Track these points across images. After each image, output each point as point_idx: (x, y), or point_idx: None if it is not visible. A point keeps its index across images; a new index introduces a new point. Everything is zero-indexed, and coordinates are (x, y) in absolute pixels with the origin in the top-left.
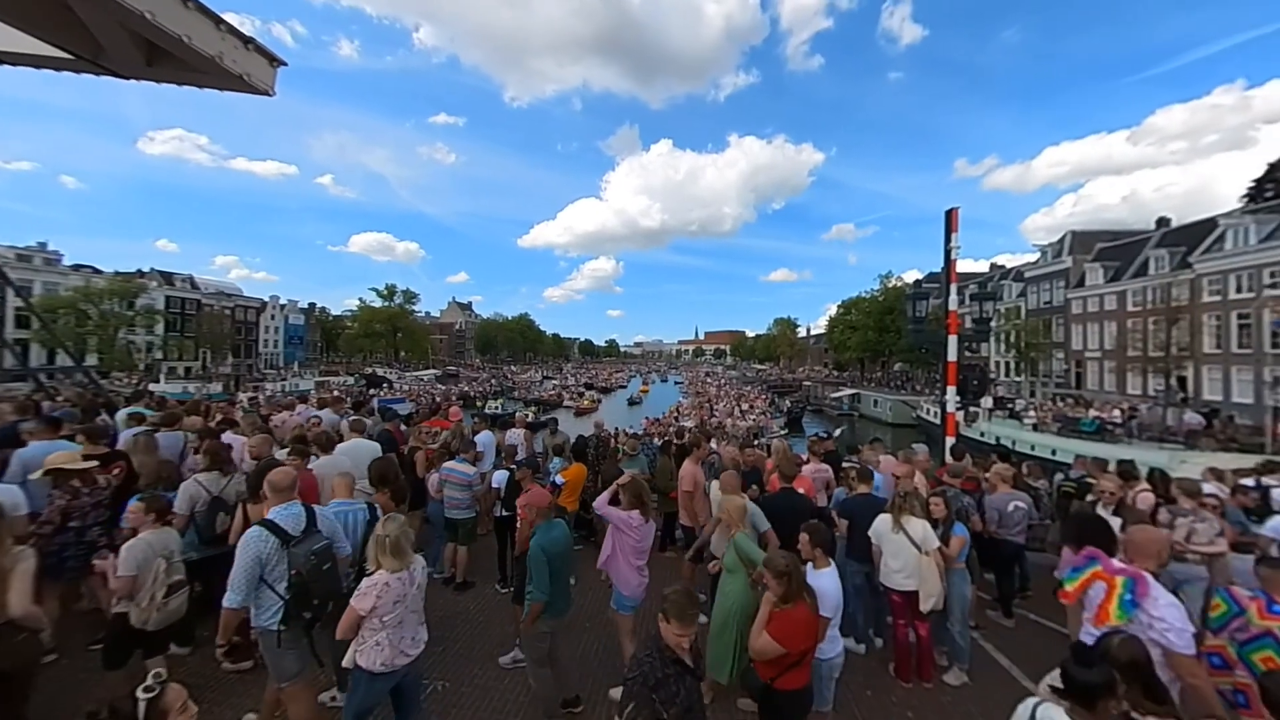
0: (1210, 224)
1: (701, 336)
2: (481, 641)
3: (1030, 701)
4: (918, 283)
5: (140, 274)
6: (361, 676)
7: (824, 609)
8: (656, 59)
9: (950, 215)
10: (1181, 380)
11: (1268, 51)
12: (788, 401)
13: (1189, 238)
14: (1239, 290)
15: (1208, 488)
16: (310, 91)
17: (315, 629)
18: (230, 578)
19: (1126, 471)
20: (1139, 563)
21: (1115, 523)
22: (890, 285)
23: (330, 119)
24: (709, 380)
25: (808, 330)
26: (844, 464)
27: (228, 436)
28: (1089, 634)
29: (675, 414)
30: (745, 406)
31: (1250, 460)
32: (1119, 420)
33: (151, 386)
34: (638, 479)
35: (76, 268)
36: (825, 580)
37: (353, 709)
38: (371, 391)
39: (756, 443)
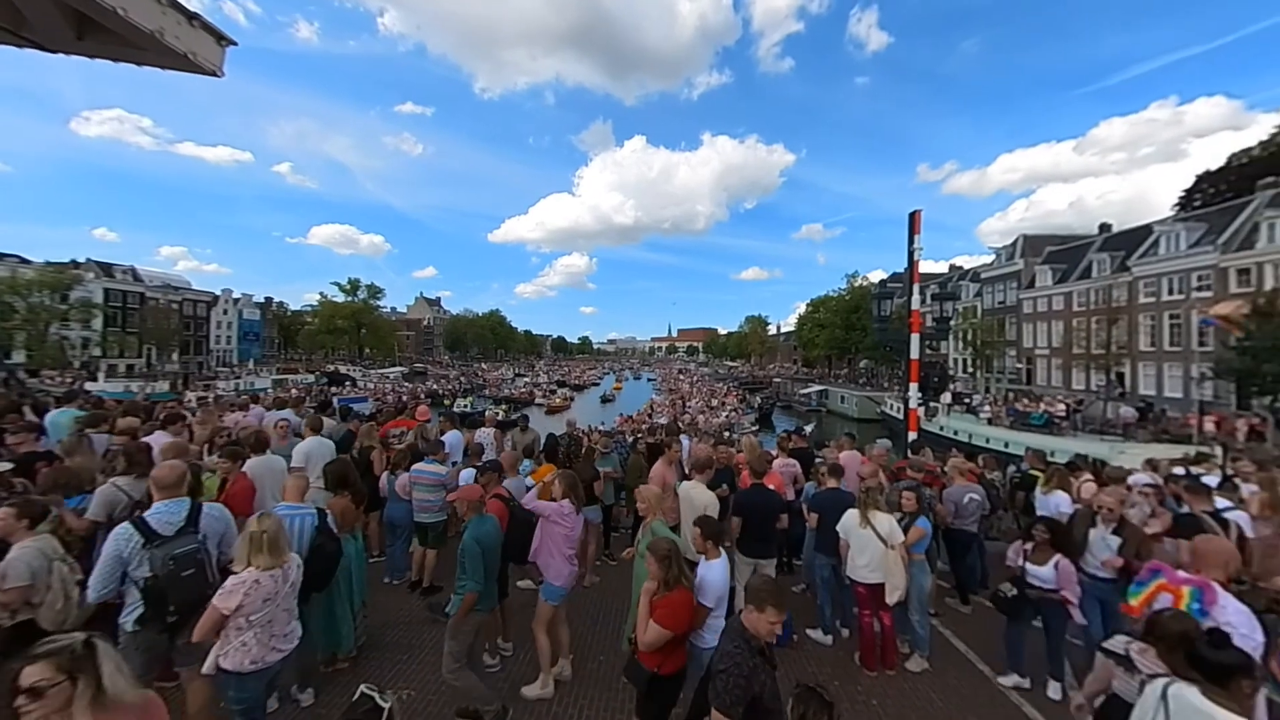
0: (1146, 230)
1: (675, 334)
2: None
3: (1160, 682)
4: (882, 282)
5: (75, 264)
6: (230, 680)
7: (706, 599)
8: (630, 55)
9: (913, 218)
10: (1120, 376)
11: (1197, 71)
12: (758, 398)
13: (1128, 243)
14: (1170, 292)
15: (1144, 477)
16: (266, 74)
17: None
18: (93, 572)
19: (1073, 464)
20: (1206, 573)
21: (1115, 542)
22: (856, 285)
23: (288, 104)
24: (682, 377)
25: (778, 328)
26: (816, 460)
27: (158, 436)
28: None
29: (649, 411)
30: (717, 403)
31: (1179, 450)
32: (1064, 414)
33: (89, 385)
34: (572, 473)
35: (0, 257)
36: (714, 571)
37: (240, 710)
38: (334, 390)
39: (728, 436)
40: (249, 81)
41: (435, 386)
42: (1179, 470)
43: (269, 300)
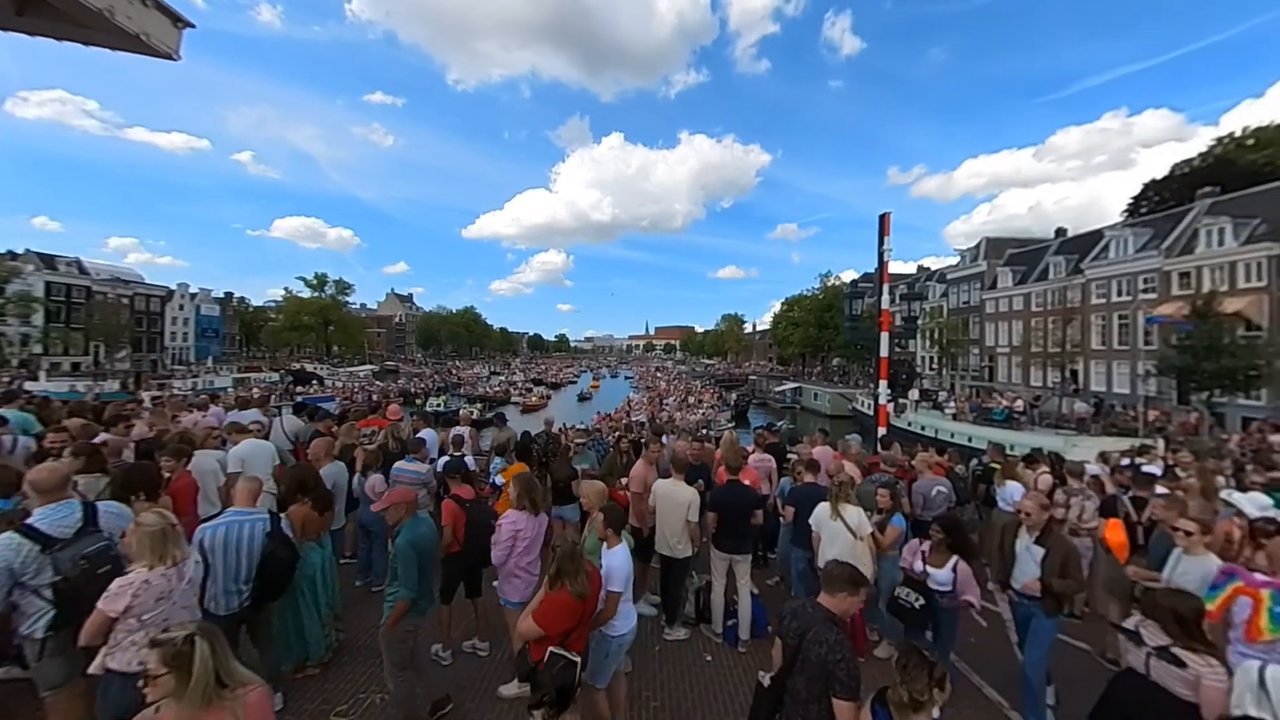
0: (1098, 235)
1: (652, 332)
2: (422, 652)
3: (1253, 665)
4: (854, 282)
5: (12, 255)
6: (114, 679)
7: (613, 585)
8: (608, 50)
9: (883, 219)
10: (1074, 373)
11: (1145, 85)
12: (734, 395)
13: (1081, 246)
14: (1119, 294)
15: (1092, 469)
16: (225, 58)
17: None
18: None
19: (1031, 456)
20: None
21: (1038, 552)
22: (830, 284)
23: (249, 90)
24: (659, 375)
25: (754, 326)
26: (788, 455)
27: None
28: (1239, 652)
29: (626, 409)
30: (694, 401)
31: (1127, 443)
32: (1023, 410)
33: (29, 385)
34: (527, 474)
35: None
36: (615, 558)
37: (109, 714)
38: (299, 389)
39: (704, 432)
40: (207, 65)
41: (407, 385)
42: (1124, 462)
43: (229, 295)
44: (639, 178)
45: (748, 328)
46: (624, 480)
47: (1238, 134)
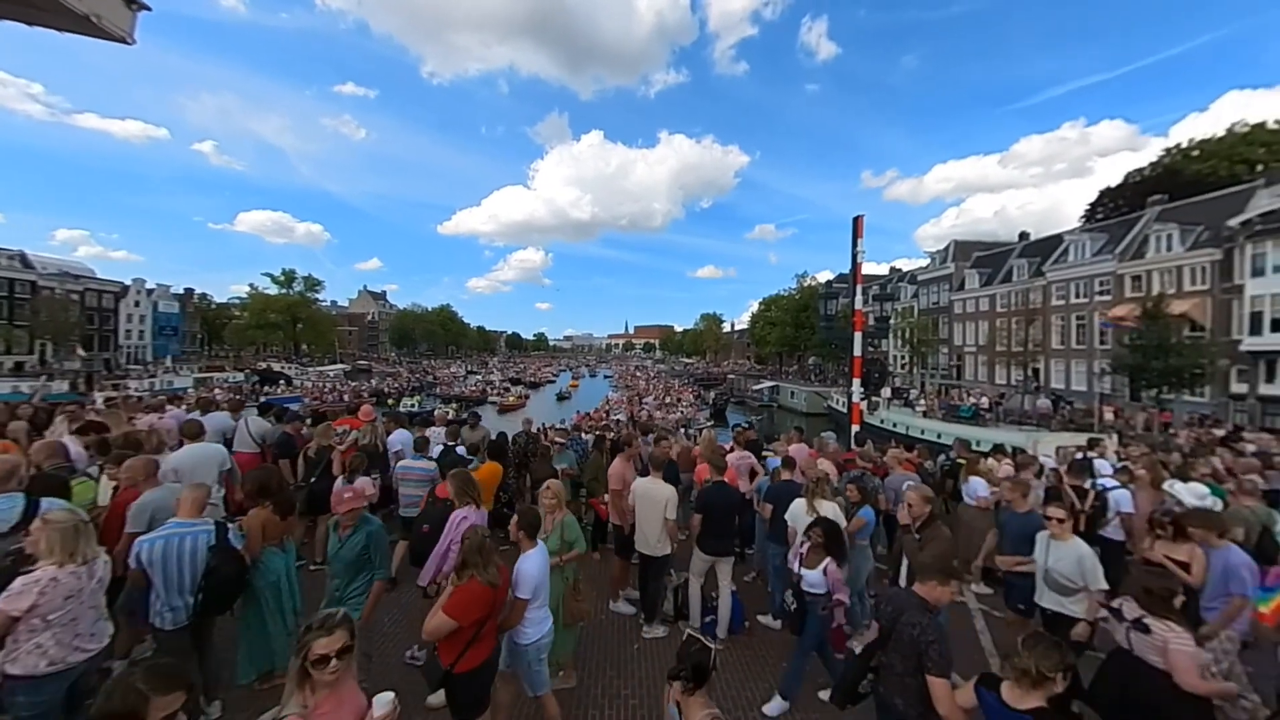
0: (1058, 239)
1: (632, 330)
2: (401, 646)
3: None
4: (829, 283)
5: None
6: (18, 685)
7: (521, 591)
8: (587, 48)
9: (856, 222)
10: (1036, 372)
11: (1101, 96)
12: (713, 394)
13: (1043, 250)
14: (1077, 295)
15: (1049, 463)
16: (185, 44)
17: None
18: None
19: (997, 451)
20: None
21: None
22: (806, 284)
23: (211, 78)
24: (639, 374)
25: (732, 326)
26: (765, 452)
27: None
28: None
29: (606, 409)
30: (672, 399)
31: (1084, 438)
32: (989, 407)
33: None
34: (463, 471)
35: None
36: (528, 563)
37: None
38: (265, 389)
39: (683, 431)
40: (165, 50)
41: (380, 385)
42: (1079, 455)
43: (189, 291)
44: (619, 176)
45: (726, 327)
46: (606, 497)
47: (1184, 145)
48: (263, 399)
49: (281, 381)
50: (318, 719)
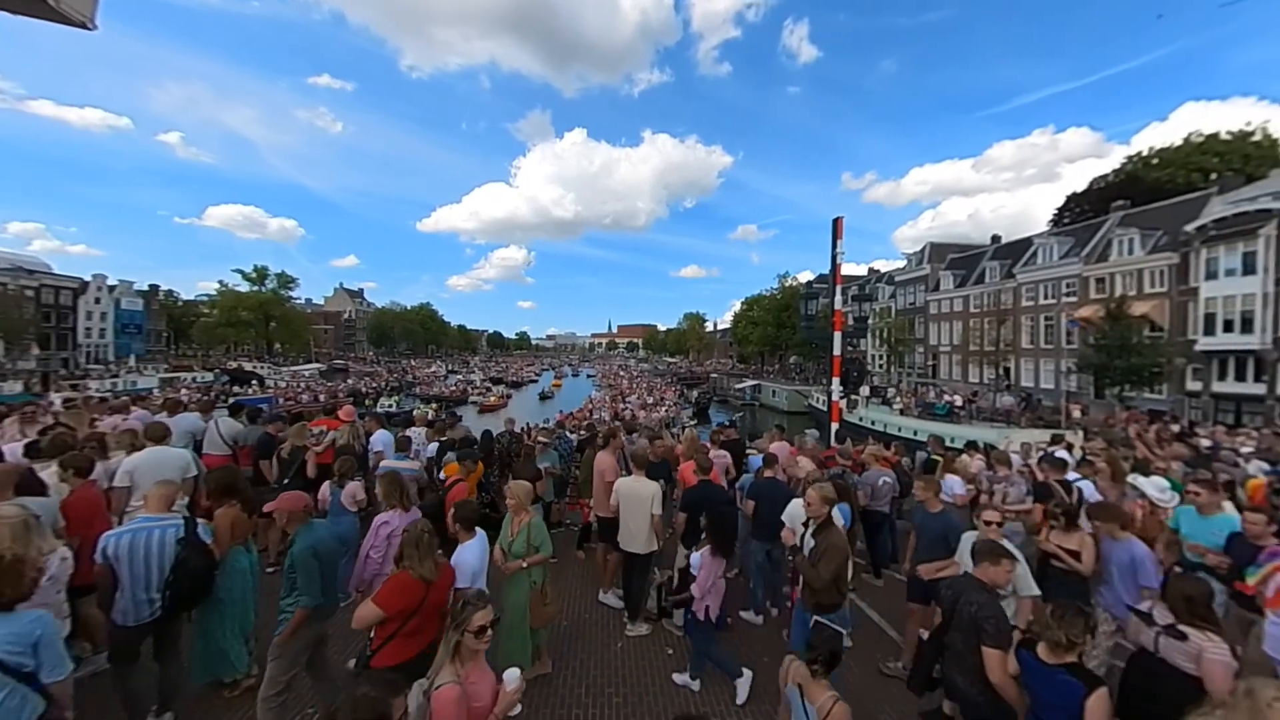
0: (1028, 242)
1: (615, 329)
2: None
3: None
4: (809, 284)
5: None
6: None
7: (460, 580)
8: (570, 44)
9: (836, 223)
10: (1007, 370)
11: (1069, 104)
12: (696, 393)
13: (1014, 253)
14: (1046, 297)
15: (1017, 459)
16: (150, 30)
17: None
18: None
19: (970, 446)
20: None
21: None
22: (787, 285)
23: (177, 65)
24: (622, 373)
25: (715, 325)
26: (747, 451)
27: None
28: (1273, 623)
29: (589, 408)
30: (655, 398)
31: (1050, 434)
32: (962, 404)
33: None
34: (393, 473)
35: None
36: (466, 553)
37: None
38: (236, 389)
39: (667, 430)
40: (129, 36)
41: (358, 384)
42: (1054, 452)
43: (154, 288)
44: (602, 174)
45: (709, 326)
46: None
47: (1145, 153)
48: (231, 399)
49: (254, 382)
50: (469, 686)
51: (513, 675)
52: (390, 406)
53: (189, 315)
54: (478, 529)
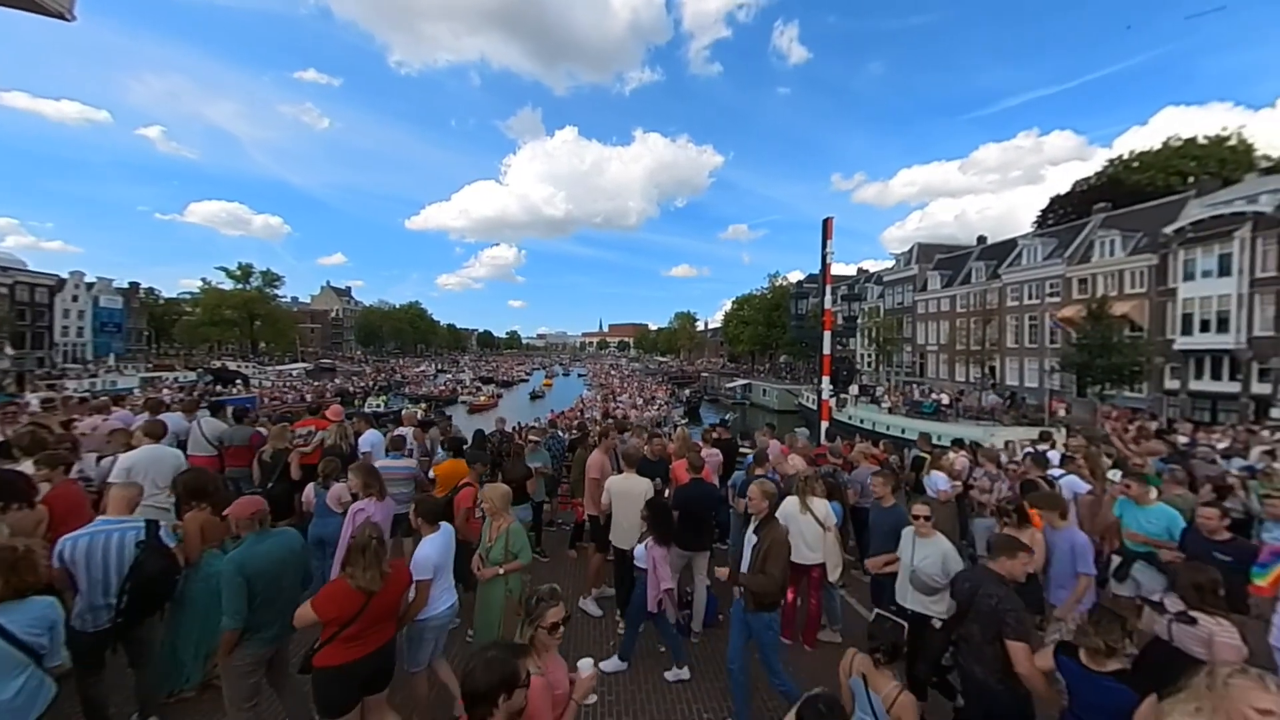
0: (1012, 243)
1: (606, 329)
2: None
3: None
4: (799, 283)
5: None
6: None
7: (417, 574)
8: (561, 42)
9: (826, 224)
10: (993, 369)
11: (1053, 108)
12: (687, 392)
13: (999, 253)
14: (1030, 297)
15: (1002, 457)
16: (129, 21)
17: None
18: None
19: (957, 443)
20: None
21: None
22: (777, 284)
23: (158, 58)
24: (613, 373)
25: (706, 324)
26: (740, 449)
27: None
28: None
29: (580, 407)
30: (647, 397)
31: (1035, 431)
32: (949, 403)
33: None
34: (365, 463)
35: None
36: (427, 547)
37: None
38: (220, 389)
39: (661, 431)
40: (106, 28)
41: (345, 384)
42: (1030, 448)
43: (135, 286)
44: (593, 173)
45: (700, 326)
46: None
47: (1126, 157)
48: (211, 398)
49: (238, 381)
50: (549, 675)
51: (586, 664)
52: (378, 406)
53: (171, 314)
54: (443, 523)
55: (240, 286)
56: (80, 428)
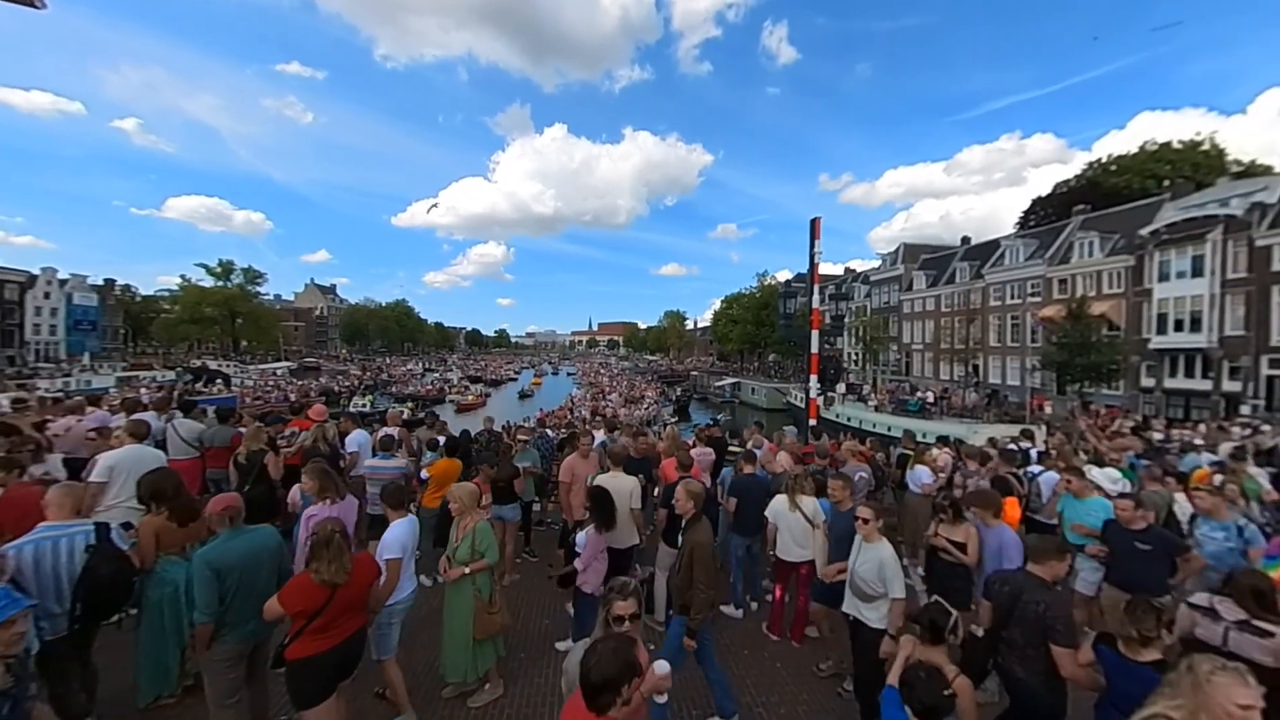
0: (996, 244)
1: (595, 327)
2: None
3: None
4: (788, 283)
5: None
6: None
7: (387, 552)
8: (550, 39)
9: (814, 224)
10: (976, 368)
11: (1035, 112)
12: (677, 390)
13: (982, 254)
14: (1012, 297)
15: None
16: (104, 10)
17: None
18: None
19: (941, 440)
20: None
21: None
22: (766, 283)
23: (134, 49)
24: (602, 371)
25: (695, 323)
26: (730, 448)
27: None
28: None
29: (569, 406)
30: (636, 396)
31: (1017, 429)
32: (933, 401)
33: None
34: (320, 464)
35: None
36: (392, 531)
37: None
38: (201, 388)
39: (650, 428)
40: (80, 17)
41: (330, 383)
42: (1011, 446)
43: (110, 283)
44: (582, 171)
45: (689, 324)
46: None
47: (1104, 160)
48: (185, 398)
49: (219, 381)
50: None
51: (662, 665)
52: (364, 406)
53: (148, 311)
54: (409, 512)
55: (221, 284)
56: (53, 429)
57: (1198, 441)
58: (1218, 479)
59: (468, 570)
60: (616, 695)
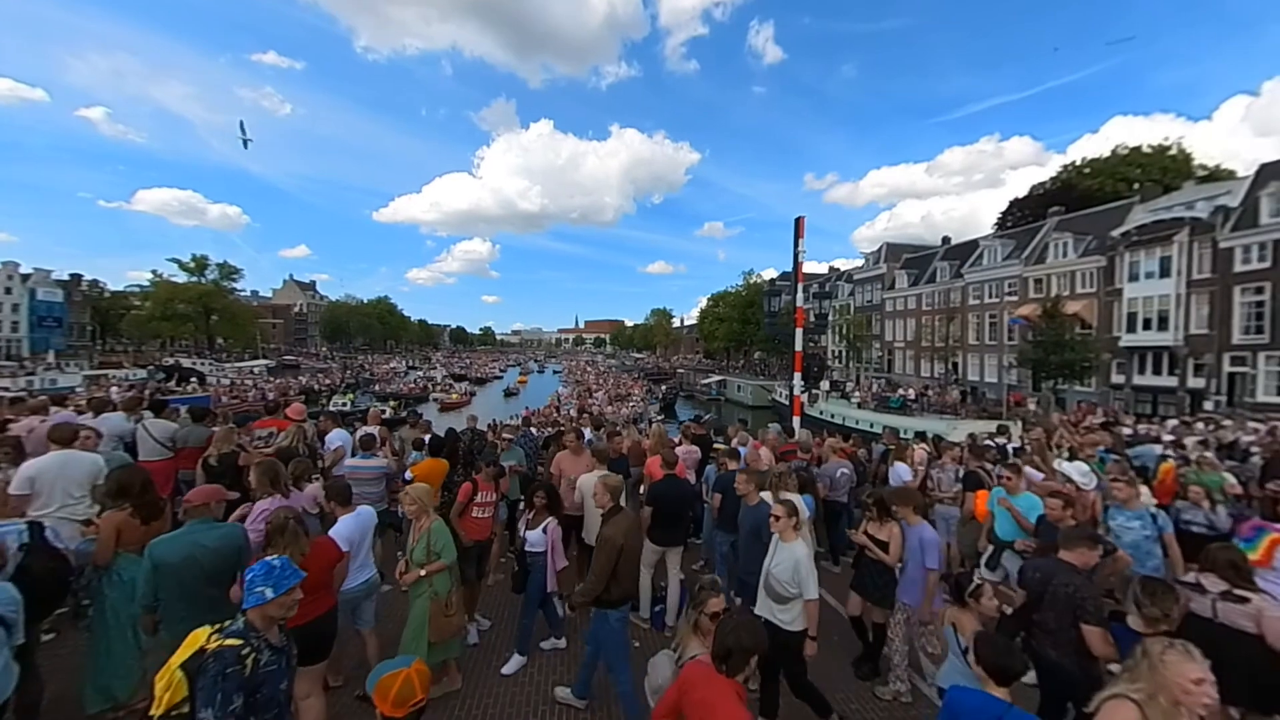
0: (974, 244)
1: (582, 325)
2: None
3: None
4: (773, 281)
5: None
6: None
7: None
8: (536, 34)
9: (798, 223)
10: (956, 365)
11: (1013, 115)
12: (663, 388)
13: (962, 253)
14: (990, 296)
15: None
16: None
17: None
18: None
19: (920, 437)
20: None
21: None
22: (752, 281)
23: (99, 35)
24: (589, 369)
25: (682, 321)
26: (715, 445)
27: None
28: (1274, 582)
29: (555, 405)
30: (623, 394)
31: (994, 425)
32: (914, 398)
33: None
34: (269, 460)
35: None
36: (340, 526)
37: None
38: (175, 388)
39: (635, 425)
40: (41, 1)
41: (310, 382)
42: (988, 442)
43: (76, 278)
44: (569, 168)
45: (676, 322)
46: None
47: (1078, 163)
48: (156, 397)
49: (194, 379)
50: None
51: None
52: (344, 405)
53: (117, 307)
54: (360, 507)
55: (195, 279)
56: (15, 429)
57: (1167, 437)
58: (1184, 471)
59: (422, 573)
60: (746, 662)
